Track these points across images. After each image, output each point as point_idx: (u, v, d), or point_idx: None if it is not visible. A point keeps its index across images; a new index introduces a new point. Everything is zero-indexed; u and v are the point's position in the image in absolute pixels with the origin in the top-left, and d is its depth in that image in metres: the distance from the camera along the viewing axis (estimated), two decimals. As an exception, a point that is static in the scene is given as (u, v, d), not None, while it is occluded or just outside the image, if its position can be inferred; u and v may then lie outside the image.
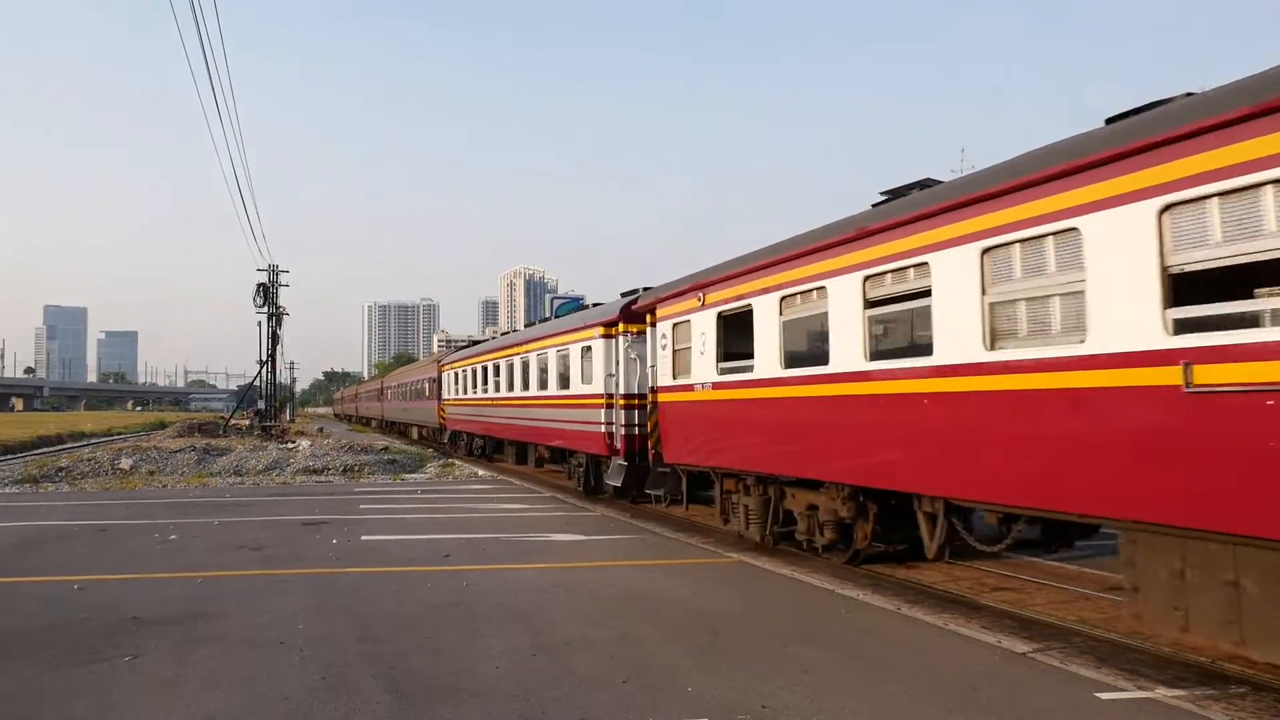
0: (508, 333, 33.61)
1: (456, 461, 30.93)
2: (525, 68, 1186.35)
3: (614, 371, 17.87)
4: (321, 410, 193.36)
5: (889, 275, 9.72)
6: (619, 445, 17.36)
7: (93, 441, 50.39)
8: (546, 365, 22.62)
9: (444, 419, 37.46)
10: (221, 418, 55.86)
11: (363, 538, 13.73)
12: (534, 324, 26.97)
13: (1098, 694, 6.22)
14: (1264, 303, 6.28)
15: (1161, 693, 6.32)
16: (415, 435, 47.93)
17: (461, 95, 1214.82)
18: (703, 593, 9.68)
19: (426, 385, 42.38)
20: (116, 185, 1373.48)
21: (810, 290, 11.08)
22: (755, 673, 6.74)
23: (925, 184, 9.99)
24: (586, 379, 19.13)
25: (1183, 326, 6.53)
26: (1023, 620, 8.86)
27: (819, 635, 7.85)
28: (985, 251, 8.29)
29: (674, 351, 14.82)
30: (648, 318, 16.32)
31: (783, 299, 11.65)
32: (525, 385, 24.60)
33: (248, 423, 46.84)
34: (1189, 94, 7.08)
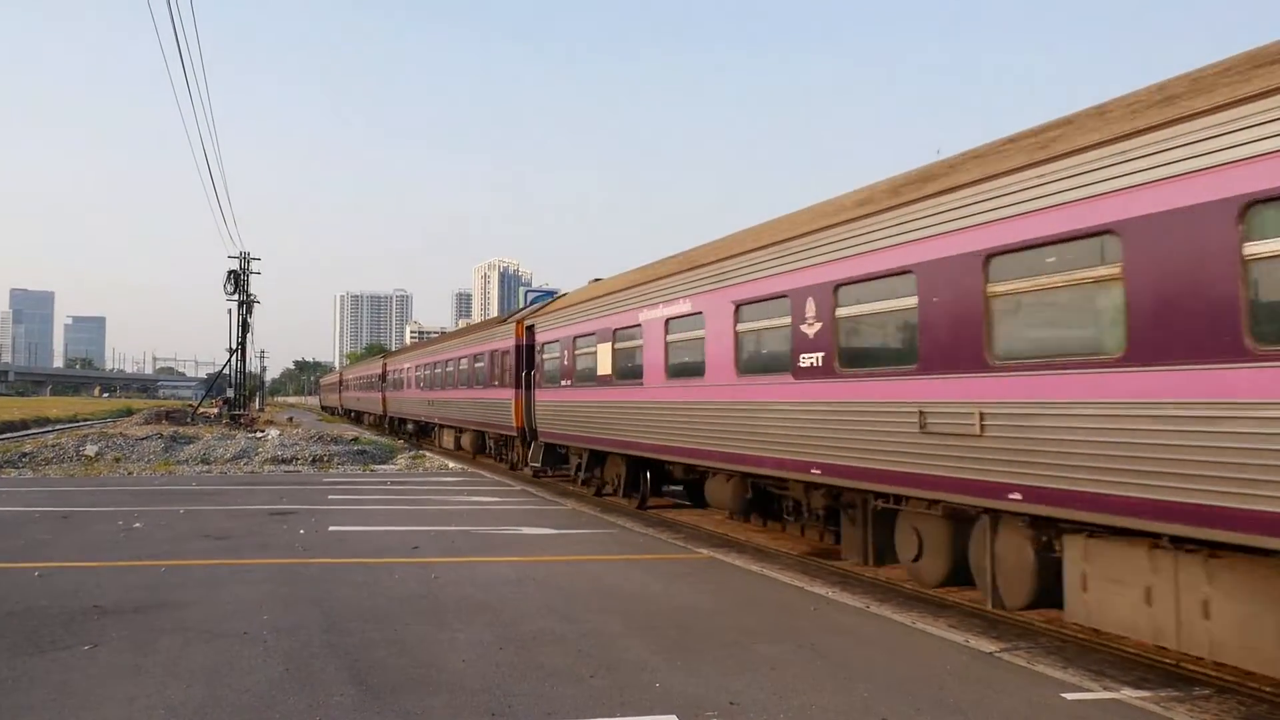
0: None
1: (427, 453, 30.72)
2: (503, 60, 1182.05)
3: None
4: (294, 400, 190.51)
5: None
6: None
7: (58, 427, 49.67)
8: None
9: None
10: (190, 405, 55.30)
11: (330, 528, 13.60)
12: None
13: (1064, 694, 6.24)
14: None
15: (1127, 694, 6.36)
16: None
17: (437, 87, 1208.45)
18: (673, 588, 9.65)
19: None
20: (87, 168, 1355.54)
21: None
22: (724, 669, 6.72)
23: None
24: None
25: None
26: (990, 619, 8.90)
27: (788, 632, 7.84)
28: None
29: None
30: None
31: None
32: None
33: (216, 411, 46.35)
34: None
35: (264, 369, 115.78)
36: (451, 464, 26.87)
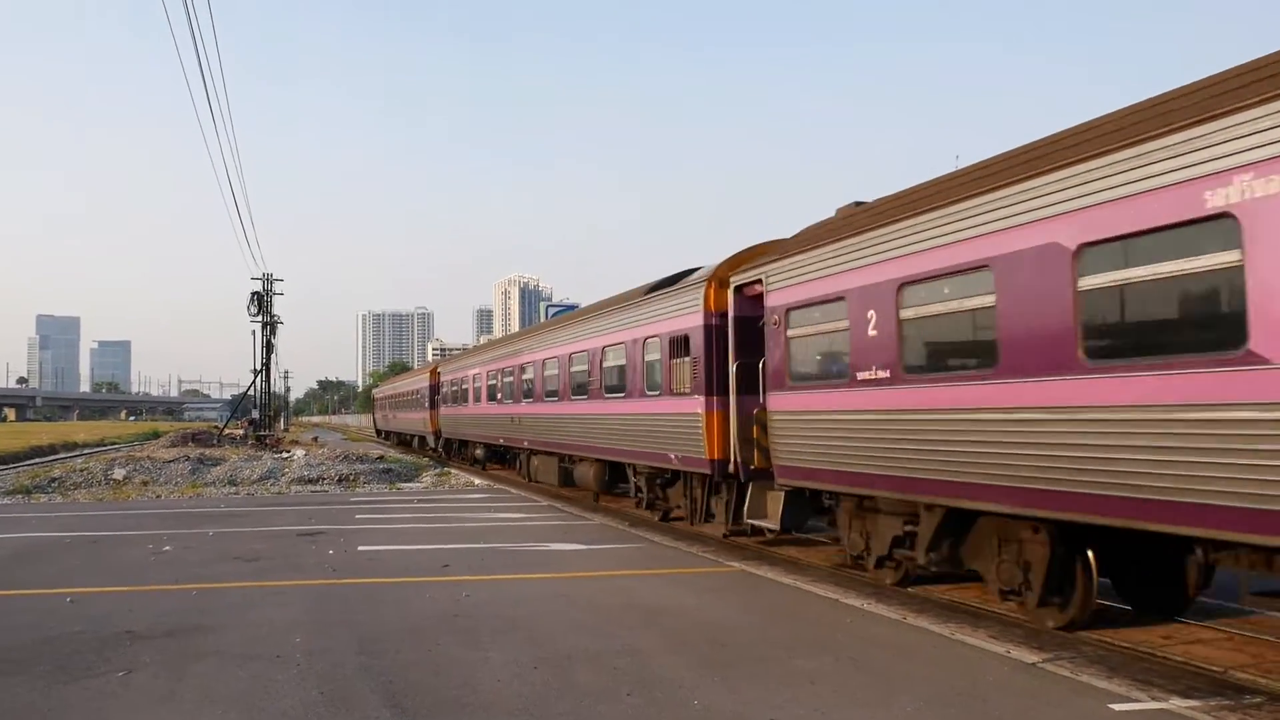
0: None
1: (453, 470, 30.72)
2: (524, 74, 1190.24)
3: None
4: (318, 419, 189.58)
5: None
6: None
7: (86, 451, 50.09)
8: None
9: None
10: (215, 427, 55.62)
11: (360, 548, 13.58)
12: None
13: (1111, 705, 6.11)
14: None
15: (1176, 703, 6.21)
16: None
17: (457, 103, 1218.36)
18: (705, 603, 9.56)
19: None
20: (111, 194, 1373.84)
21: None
22: (762, 685, 6.62)
23: None
24: None
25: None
26: (1030, 629, 8.75)
27: (825, 646, 7.73)
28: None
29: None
30: None
31: None
32: None
33: (242, 432, 46.61)
34: None
35: (288, 389, 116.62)
36: (477, 481, 26.87)
